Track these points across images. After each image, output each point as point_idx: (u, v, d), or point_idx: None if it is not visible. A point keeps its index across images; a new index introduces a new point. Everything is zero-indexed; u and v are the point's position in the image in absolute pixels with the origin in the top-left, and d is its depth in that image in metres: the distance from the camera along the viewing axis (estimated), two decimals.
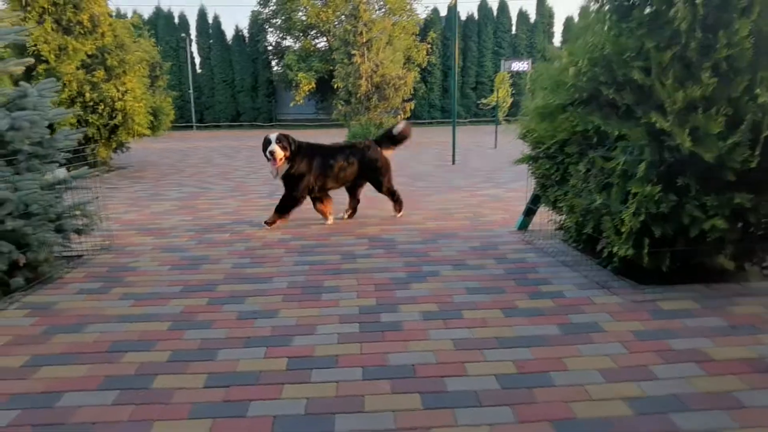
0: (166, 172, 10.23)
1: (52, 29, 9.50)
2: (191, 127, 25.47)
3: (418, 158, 11.95)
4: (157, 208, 6.77)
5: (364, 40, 16.50)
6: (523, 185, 5.65)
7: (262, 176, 9.39)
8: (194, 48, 27.01)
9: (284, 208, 5.54)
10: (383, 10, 24.97)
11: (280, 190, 5.65)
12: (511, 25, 28.02)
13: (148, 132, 10.70)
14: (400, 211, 5.99)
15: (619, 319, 3.20)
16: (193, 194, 7.71)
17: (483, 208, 6.56)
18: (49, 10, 9.63)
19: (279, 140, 5.29)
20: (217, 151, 14.21)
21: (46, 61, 9.34)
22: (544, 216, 4.93)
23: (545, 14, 28.32)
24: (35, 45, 9.16)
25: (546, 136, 4.18)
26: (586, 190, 3.87)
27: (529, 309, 3.37)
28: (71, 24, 9.81)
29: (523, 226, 5.38)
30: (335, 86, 18.37)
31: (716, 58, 3.19)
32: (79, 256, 4.61)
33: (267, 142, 5.32)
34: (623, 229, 3.40)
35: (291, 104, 25.14)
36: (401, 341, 2.93)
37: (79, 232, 4.35)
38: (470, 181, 8.74)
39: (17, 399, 2.44)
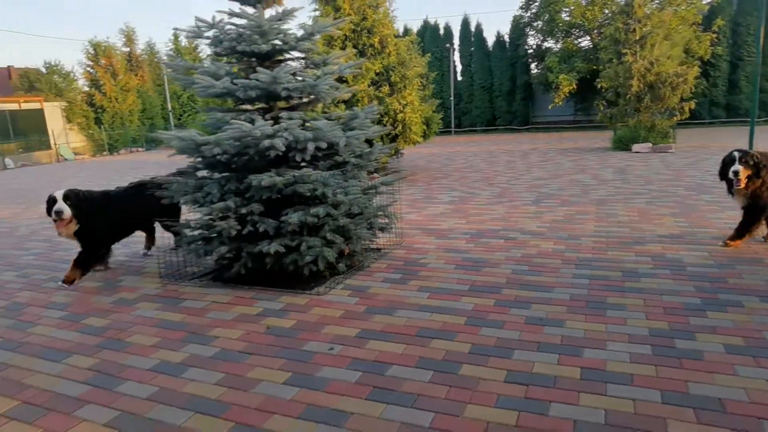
0: (435, 176, 11.17)
1: (353, 54, 11.19)
2: (450, 132, 27.02)
3: (701, 165, 10.63)
4: (432, 210, 7.51)
5: (637, 38, 15.27)
6: None
7: (525, 182, 9.56)
8: (456, 56, 28.55)
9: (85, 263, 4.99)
10: (658, 0, 22.63)
11: (547, 199, 5.70)
12: None
13: (421, 140, 11.81)
14: None
15: None
16: (461, 198, 8.30)
17: None
18: (350, 37, 11.37)
19: (66, 198, 4.72)
20: (477, 156, 14.87)
21: (346, 81, 11.07)
22: None
23: None
24: None
25: None
26: None
27: None
28: (365, 47, 11.42)
29: None
30: (599, 86, 17.42)
31: None
32: (379, 250, 5.45)
33: (52, 201, 4.74)
34: None
35: (549, 107, 24.68)
36: (703, 371, 2.79)
37: (382, 229, 5.15)
38: None
39: (356, 363, 3.10)
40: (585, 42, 26.11)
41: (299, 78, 4.47)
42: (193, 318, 3.93)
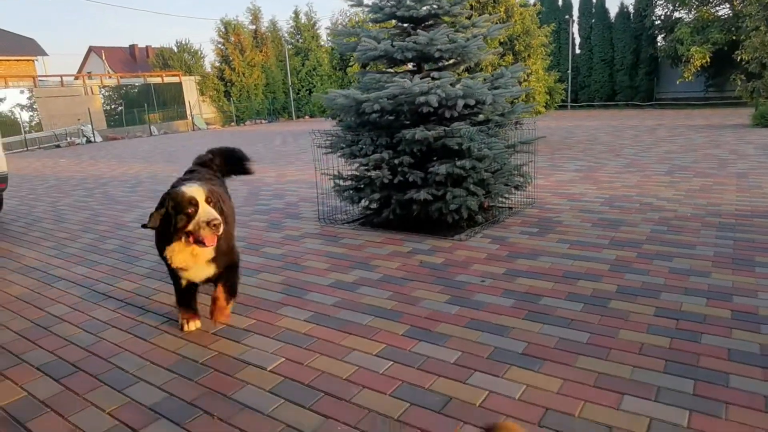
0: (557, 147, 11.08)
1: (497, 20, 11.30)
2: (566, 106, 26.12)
3: None
4: (560, 177, 7.59)
5: None
6: None
7: (655, 154, 9.26)
8: (575, 28, 27.34)
9: None
10: None
11: (681, 170, 5.56)
12: None
13: (543, 110, 11.75)
14: None
15: None
16: (589, 167, 8.27)
17: None
18: (475, 6, 11.48)
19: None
20: (599, 130, 14.40)
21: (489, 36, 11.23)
22: None
23: None
24: None
25: None
26: None
27: None
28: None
29: None
30: (738, 59, 16.06)
31: None
32: (510, 208, 5.72)
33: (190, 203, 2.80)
34: None
35: (677, 82, 23.03)
36: None
37: (517, 187, 5.41)
38: None
39: (508, 293, 3.45)
40: (724, 10, 23.90)
41: (452, 39, 4.80)
42: (353, 252, 4.49)
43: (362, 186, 5.16)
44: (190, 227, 2.75)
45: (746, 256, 3.90)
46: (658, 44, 26.10)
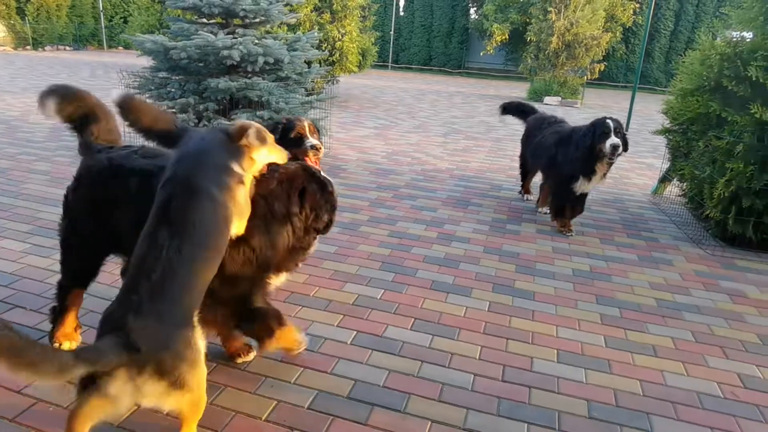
0: (366, 106, 12.26)
1: None
2: (387, 66, 27.79)
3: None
4: (359, 132, 8.70)
5: None
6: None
7: (442, 119, 10.90)
8: None
9: None
10: None
11: (455, 133, 6.90)
12: None
13: (356, 69, 12.75)
14: None
15: (691, 262, 4.16)
16: (385, 126, 9.53)
17: (632, 172, 7.31)
18: None
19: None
20: (407, 92, 16.01)
21: (290, 5, 11.70)
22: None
23: None
24: None
25: (679, 114, 4.98)
26: (701, 163, 4.68)
27: (623, 243, 4.46)
28: None
29: (657, 190, 6.16)
30: (528, 39, 18.88)
31: None
32: None
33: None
34: (715, 194, 4.25)
35: (481, 53, 25.96)
36: (517, 241, 4.30)
37: None
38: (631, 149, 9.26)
39: None
40: None
41: (255, 1, 5.39)
42: None
43: None
44: None
45: (466, 198, 5.33)
46: (471, 17, 28.92)
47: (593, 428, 2.22)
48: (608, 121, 4.34)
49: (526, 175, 5.59)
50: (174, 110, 5.36)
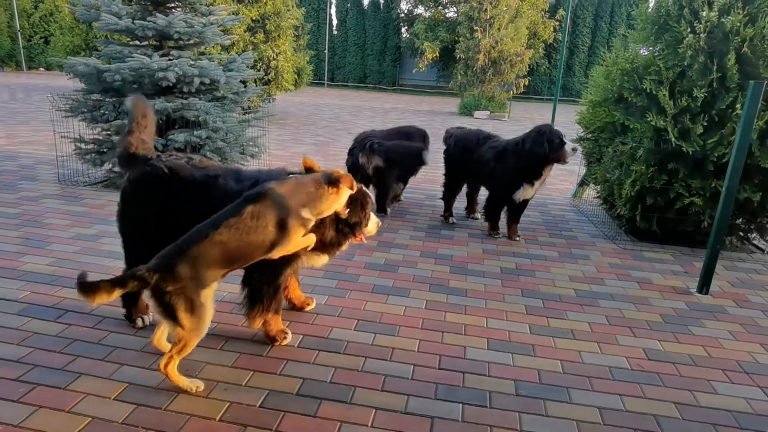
0: (304, 123, 12.43)
1: (232, 1, 11.85)
2: (323, 84, 28.08)
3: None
4: (298, 149, 8.86)
5: (488, 17, 17.54)
6: None
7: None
8: (333, 10, 29.37)
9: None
10: None
11: None
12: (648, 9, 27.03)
13: (292, 88, 12.92)
14: None
15: (606, 255, 4.60)
16: (324, 142, 9.74)
17: (555, 178, 7.85)
18: None
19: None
20: (344, 110, 16.31)
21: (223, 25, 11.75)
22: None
23: None
24: None
25: (590, 123, 5.49)
26: (611, 167, 5.18)
27: (546, 242, 4.86)
28: None
29: (577, 193, 6.69)
30: (458, 57, 19.69)
31: (710, 78, 4.37)
32: None
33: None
34: (623, 194, 4.73)
35: (414, 71, 26.72)
36: (451, 244, 4.59)
37: (253, 156, 6.41)
38: None
39: None
40: (451, 13, 28.38)
41: (189, 24, 5.49)
42: (95, 210, 4.96)
43: (105, 150, 5.56)
44: None
45: (403, 207, 5.61)
46: (403, 36, 29.74)
47: (520, 404, 2.49)
48: (555, 128, 4.59)
49: (452, 195, 5.42)
50: (109, 132, 5.35)
